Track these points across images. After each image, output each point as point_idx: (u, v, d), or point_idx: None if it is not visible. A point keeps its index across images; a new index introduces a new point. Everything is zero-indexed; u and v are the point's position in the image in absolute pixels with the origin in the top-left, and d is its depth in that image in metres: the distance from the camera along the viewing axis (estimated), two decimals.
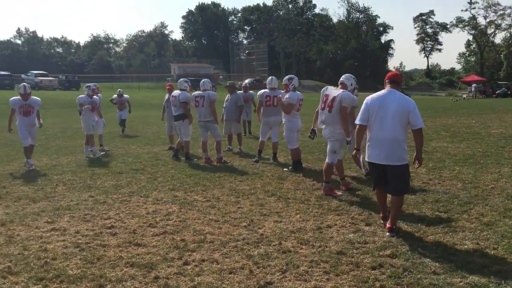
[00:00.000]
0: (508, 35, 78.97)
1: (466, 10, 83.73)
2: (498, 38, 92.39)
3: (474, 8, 79.66)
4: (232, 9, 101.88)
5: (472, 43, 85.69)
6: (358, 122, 5.22)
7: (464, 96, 47.74)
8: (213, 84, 10.55)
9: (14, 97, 9.48)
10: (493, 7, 78.34)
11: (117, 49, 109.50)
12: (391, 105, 4.98)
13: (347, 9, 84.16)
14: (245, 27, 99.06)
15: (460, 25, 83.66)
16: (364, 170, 7.76)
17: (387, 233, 4.97)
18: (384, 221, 5.26)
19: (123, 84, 54.90)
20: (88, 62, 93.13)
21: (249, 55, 76.45)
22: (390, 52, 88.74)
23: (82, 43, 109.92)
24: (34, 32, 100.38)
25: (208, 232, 5.10)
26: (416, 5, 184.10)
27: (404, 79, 73.48)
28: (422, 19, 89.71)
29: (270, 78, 9.49)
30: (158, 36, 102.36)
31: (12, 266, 4.21)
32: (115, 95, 16.00)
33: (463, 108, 27.82)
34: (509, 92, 50.15)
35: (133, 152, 11.16)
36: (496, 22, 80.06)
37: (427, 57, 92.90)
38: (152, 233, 5.11)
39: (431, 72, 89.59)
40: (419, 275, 3.87)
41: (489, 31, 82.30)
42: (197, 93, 9.59)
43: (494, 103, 34.24)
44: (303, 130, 10.51)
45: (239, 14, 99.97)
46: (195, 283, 3.80)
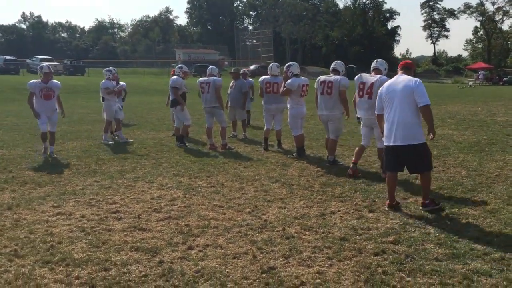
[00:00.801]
0: None
1: None
2: (506, 25, 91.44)
3: None
4: None
5: (480, 30, 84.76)
6: (376, 112, 5.61)
7: (471, 84, 47.43)
8: (219, 70, 10.51)
9: (33, 80, 8.90)
10: None
11: (122, 34, 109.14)
12: (397, 88, 5.20)
13: None
14: (251, 13, 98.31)
15: (468, 11, 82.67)
16: (329, 158, 7.89)
17: (421, 207, 5.28)
18: (389, 209, 5.32)
19: (128, 70, 54.92)
20: (93, 47, 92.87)
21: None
22: (397, 39, 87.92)
23: (87, 28, 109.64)
24: (39, 17, 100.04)
25: (212, 218, 5.14)
26: None
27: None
28: (429, 5, 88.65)
29: (271, 65, 9.51)
30: (163, 21, 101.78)
31: (19, 249, 4.26)
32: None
33: (469, 96, 27.67)
34: None
35: (138, 138, 11.20)
36: (504, 9, 79.01)
37: (434, 44, 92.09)
38: (157, 218, 5.16)
39: (438, 59, 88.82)
40: (421, 261, 3.89)
41: (497, 18, 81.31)
42: (203, 79, 9.60)
43: (501, 91, 34.01)
44: (308, 117, 10.53)
45: (245, 0, 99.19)
46: (199, 268, 3.84)
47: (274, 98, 9.06)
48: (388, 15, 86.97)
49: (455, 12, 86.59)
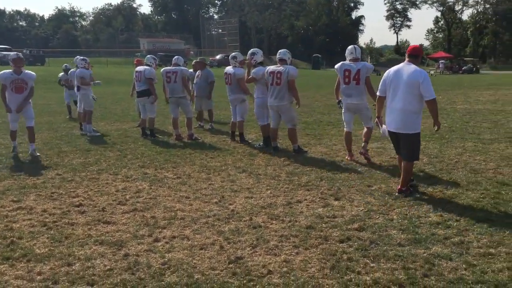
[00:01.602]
0: (475, 12, 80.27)
1: None
2: (466, 15, 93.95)
3: None
4: None
5: (440, 20, 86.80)
6: (378, 94, 5.72)
7: (432, 72, 48.53)
8: (184, 60, 10.36)
9: (5, 71, 7.97)
10: None
11: (84, 23, 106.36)
12: (404, 77, 5.32)
13: None
14: (216, 2, 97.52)
15: (429, 2, 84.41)
16: (272, 144, 8.18)
17: (397, 193, 5.48)
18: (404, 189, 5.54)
19: (91, 59, 53.48)
20: (54, 36, 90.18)
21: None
22: (361, 28, 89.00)
23: (47, 16, 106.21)
24: None
25: (179, 209, 5.10)
26: None
27: (374, 56, 74.23)
28: None
29: (231, 55, 9.34)
30: (126, 10, 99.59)
31: None
32: (62, 73, 13.48)
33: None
34: (475, 69, 51.32)
35: (102, 129, 10.97)
36: None
37: (397, 34, 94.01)
38: (122, 211, 5.07)
39: (401, 49, 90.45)
40: (385, 247, 3.98)
41: (457, 8, 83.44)
42: (169, 69, 9.43)
43: (460, 79, 35.02)
44: None
45: None
46: (166, 260, 3.80)
47: (231, 89, 8.95)
48: (352, 5, 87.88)
49: (417, 2, 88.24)
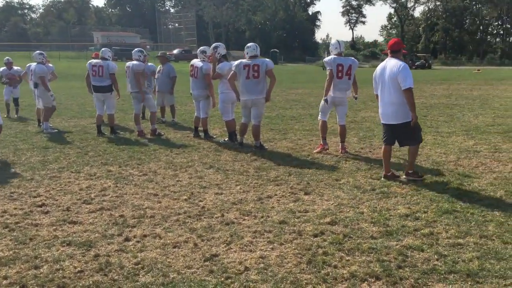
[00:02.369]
0: (427, 9, 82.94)
1: None
2: (418, 12, 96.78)
3: None
4: None
5: (394, 16, 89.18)
6: (375, 92, 6.05)
7: None
8: (144, 54, 10.01)
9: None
10: None
11: (33, 16, 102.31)
12: (386, 72, 5.68)
13: None
14: None
15: None
16: (239, 139, 8.09)
17: (403, 177, 5.83)
18: (385, 178, 5.87)
19: None
20: (1, 29, 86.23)
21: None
22: (318, 24, 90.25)
23: None
24: None
25: (148, 207, 4.98)
26: None
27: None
28: None
29: (199, 48, 9.15)
30: (78, 2, 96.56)
31: None
32: (3, 68, 12.45)
33: None
34: (427, 64, 53.07)
35: (58, 126, 10.58)
36: None
37: (352, 30, 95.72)
38: (88, 210, 4.90)
39: (356, 44, 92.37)
40: (358, 240, 4.02)
41: (409, 5, 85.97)
42: (128, 63, 9.18)
43: (414, 75, 35.85)
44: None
45: None
46: (139, 259, 3.70)
47: (195, 83, 8.72)
48: (309, 0, 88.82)
49: None
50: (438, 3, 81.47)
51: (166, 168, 6.62)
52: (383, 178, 5.89)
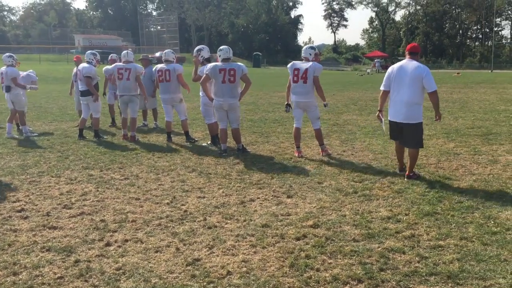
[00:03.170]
0: (407, 13, 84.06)
1: None
2: (398, 16, 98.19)
3: None
4: None
5: (375, 20, 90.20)
6: (382, 88, 6.19)
7: (368, 71, 50.34)
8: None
9: None
10: None
11: (13, 18, 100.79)
12: (408, 72, 5.86)
13: None
14: None
15: (364, 2, 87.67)
16: (222, 147, 7.81)
17: (406, 179, 5.97)
18: (400, 172, 6.22)
19: (22, 56, 50.81)
20: None
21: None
22: (300, 27, 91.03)
23: None
24: None
25: (129, 211, 4.93)
26: None
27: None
28: None
29: (165, 51, 9.04)
30: (59, 5, 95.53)
31: None
32: None
33: (368, 82, 29.34)
34: None
35: (38, 129, 10.42)
36: (396, 0, 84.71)
37: (334, 33, 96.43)
38: (68, 215, 4.83)
39: (338, 48, 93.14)
40: (341, 243, 4.04)
41: (390, 9, 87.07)
42: (121, 65, 9.01)
43: None
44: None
45: None
46: (120, 265, 3.65)
47: (167, 87, 8.63)
48: (291, 4, 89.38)
49: (353, 3, 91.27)
50: (419, 8, 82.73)
51: (148, 172, 6.57)
52: (399, 172, 6.30)
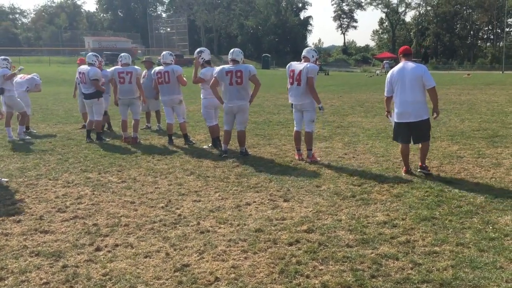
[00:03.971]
0: (417, 14, 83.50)
1: None
2: (409, 16, 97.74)
3: None
4: None
5: (385, 21, 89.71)
6: (386, 95, 6.42)
7: (378, 72, 50.03)
8: (132, 59, 9.86)
9: None
10: None
11: (24, 20, 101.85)
12: (407, 73, 6.09)
13: None
14: (164, 0, 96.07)
15: (374, 3, 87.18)
16: (223, 147, 7.82)
17: (419, 170, 6.34)
18: (406, 174, 6.35)
19: (32, 58, 51.42)
20: None
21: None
22: (309, 29, 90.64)
23: None
24: None
25: (123, 215, 4.88)
26: None
27: (322, 56, 75.54)
28: None
29: (163, 53, 8.99)
30: (70, 7, 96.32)
31: None
32: None
33: (377, 84, 29.13)
34: None
35: (42, 131, 10.46)
36: (407, 1, 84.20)
37: (344, 34, 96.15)
38: (61, 219, 4.80)
39: (348, 49, 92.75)
40: (334, 249, 3.95)
41: (400, 10, 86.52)
42: (122, 69, 8.95)
43: None
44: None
45: None
46: (107, 270, 3.60)
47: (167, 89, 8.59)
48: (301, 5, 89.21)
49: (362, 4, 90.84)
50: (429, 8, 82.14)
51: (146, 175, 6.53)
52: (404, 174, 6.36)
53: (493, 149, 7.93)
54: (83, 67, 9.19)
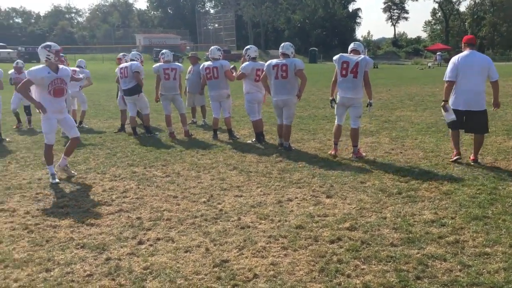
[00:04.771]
0: (473, 3, 80.00)
1: None
2: (463, 6, 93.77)
3: None
4: None
5: (438, 12, 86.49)
6: (449, 79, 6.32)
7: (430, 65, 48.34)
8: (180, 55, 9.95)
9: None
10: None
11: (80, 19, 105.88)
12: (476, 62, 6.19)
13: None
14: None
15: None
16: (279, 141, 7.91)
17: (472, 162, 6.36)
18: (455, 161, 6.43)
19: (87, 56, 53.27)
20: (50, 33, 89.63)
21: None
22: (358, 21, 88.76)
23: (43, 13, 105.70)
24: None
25: (166, 209, 4.94)
26: None
27: (372, 48, 73.94)
28: None
29: (211, 48, 8.99)
30: (122, 6, 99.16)
31: None
32: (12, 70, 11.01)
33: (428, 77, 28.16)
34: None
35: (94, 127, 10.80)
36: None
37: (394, 26, 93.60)
38: (107, 212, 4.91)
39: (398, 41, 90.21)
40: (377, 248, 3.82)
41: None
42: (166, 65, 9.06)
43: None
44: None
45: None
46: (148, 264, 3.65)
47: (215, 84, 8.61)
48: None
49: None
50: None
51: (190, 170, 6.59)
52: (454, 161, 6.45)
53: None
54: (124, 64, 9.36)
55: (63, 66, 6.36)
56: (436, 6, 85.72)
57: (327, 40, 77.73)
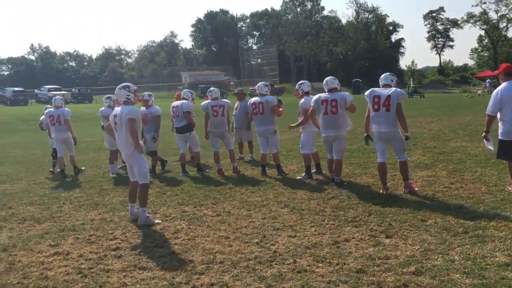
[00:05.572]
0: None
1: (477, 5, 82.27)
2: (511, 32, 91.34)
3: (485, 3, 78.45)
4: (241, 15, 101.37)
5: (484, 38, 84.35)
6: (492, 114, 6.45)
7: (479, 92, 46.83)
8: (224, 91, 10.06)
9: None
10: (505, 1, 77.08)
11: (129, 60, 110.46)
12: None
13: (356, 10, 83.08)
14: (254, 33, 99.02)
15: (471, 21, 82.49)
16: (331, 176, 7.69)
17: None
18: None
19: None
20: (101, 75, 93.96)
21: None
22: (401, 51, 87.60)
23: (95, 56, 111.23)
24: (47, 48, 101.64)
25: (218, 251, 4.80)
26: (426, 2, 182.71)
27: (417, 77, 72.66)
28: (432, 16, 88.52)
29: (258, 84, 9.11)
30: (168, 46, 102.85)
31: None
32: (43, 117, 10.73)
33: (479, 105, 27.14)
34: None
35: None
36: (508, 16, 78.75)
37: (439, 54, 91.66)
38: (159, 254, 4.83)
39: (444, 69, 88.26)
40: None
41: (501, 25, 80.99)
42: (215, 103, 9.18)
43: None
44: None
45: (248, 20, 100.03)
46: None
47: (261, 120, 8.57)
48: (391, 28, 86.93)
49: (459, 22, 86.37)
50: None
51: (240, 208, 6.45)
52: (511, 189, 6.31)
53: None
54: (176, 102, 9.52)
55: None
56: (483, 33, 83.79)
57: (371, 71, 77.09)
